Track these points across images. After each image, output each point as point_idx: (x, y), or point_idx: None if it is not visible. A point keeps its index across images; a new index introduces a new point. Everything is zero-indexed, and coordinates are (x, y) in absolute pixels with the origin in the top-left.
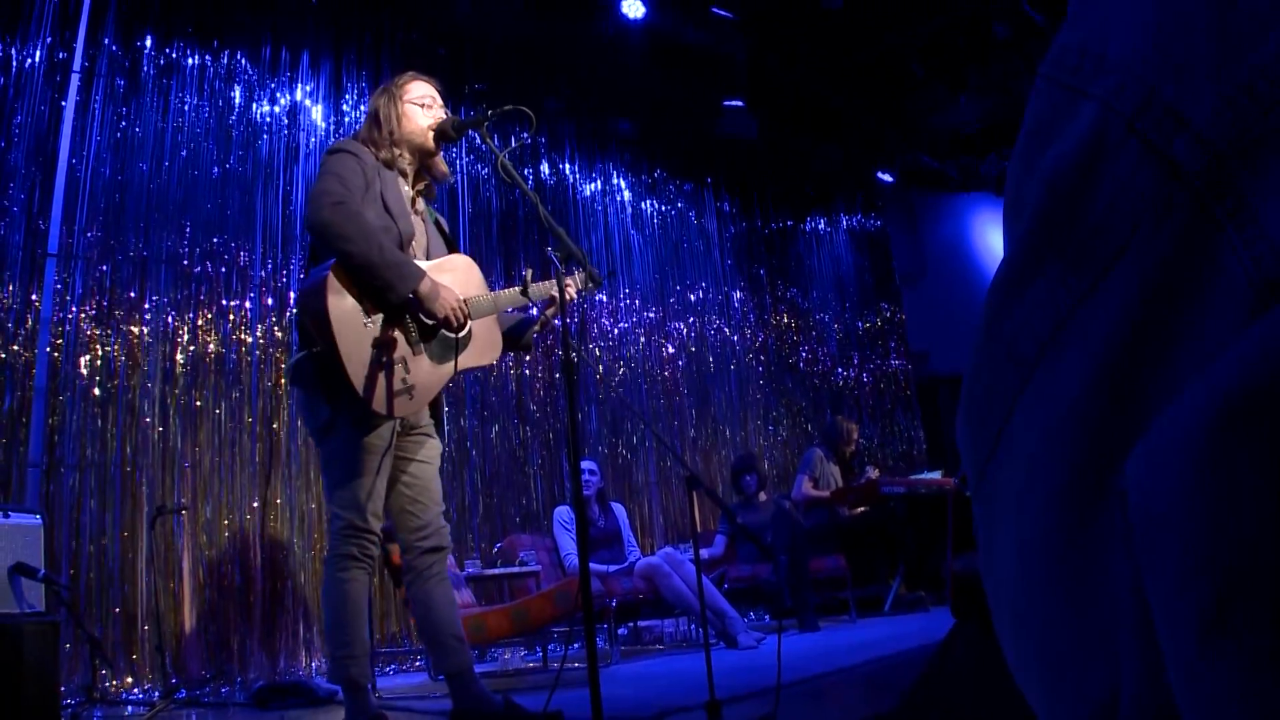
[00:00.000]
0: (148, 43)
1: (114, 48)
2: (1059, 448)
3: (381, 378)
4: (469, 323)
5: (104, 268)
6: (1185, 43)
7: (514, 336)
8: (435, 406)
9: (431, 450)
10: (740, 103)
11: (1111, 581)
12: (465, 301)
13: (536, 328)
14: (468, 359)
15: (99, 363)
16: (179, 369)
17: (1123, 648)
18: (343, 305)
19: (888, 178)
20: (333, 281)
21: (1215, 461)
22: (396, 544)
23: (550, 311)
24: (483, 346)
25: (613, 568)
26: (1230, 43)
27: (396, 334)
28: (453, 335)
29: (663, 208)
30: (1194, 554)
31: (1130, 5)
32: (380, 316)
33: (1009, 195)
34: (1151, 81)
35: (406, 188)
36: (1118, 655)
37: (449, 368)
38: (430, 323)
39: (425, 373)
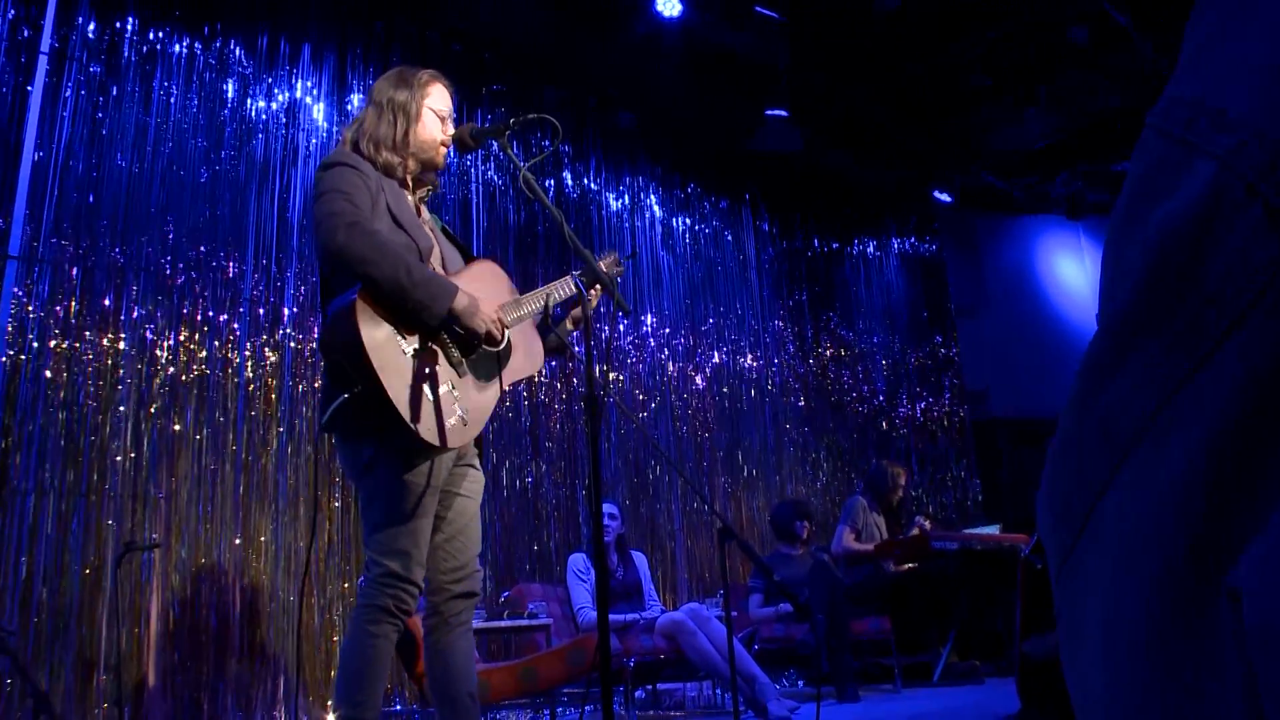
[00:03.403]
0: (129, 24)
1: (89, 28)
2: (1159, 537)
3: (434, 407)
4: (507, 333)
5: (74, 274)
6: None
7: (549, 346)
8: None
9: (475, 484)
10: (783, 112)
11: (1219, 683)
12: (501, 309)
13: (569, 325)
14: (513, 371)
15: (65, 380)
16: (156, 389)
17: None
18: (378, 335)
19: (945, 198)
20: (362, 310)
21: None
22: None
23: (576, 312)
24: (525, 354)
25: (631, 618)
26: None
27: (438, 356)
28: (494, 349)
29: (696, 226)
30: None
31: (1255, 59)
32: (417, 339)
33: (1107, 256)
34: (1278, 141)
35: (410, 197)
36: None
37: (496, 385)
38: (468, 338)
39: (474, 394)
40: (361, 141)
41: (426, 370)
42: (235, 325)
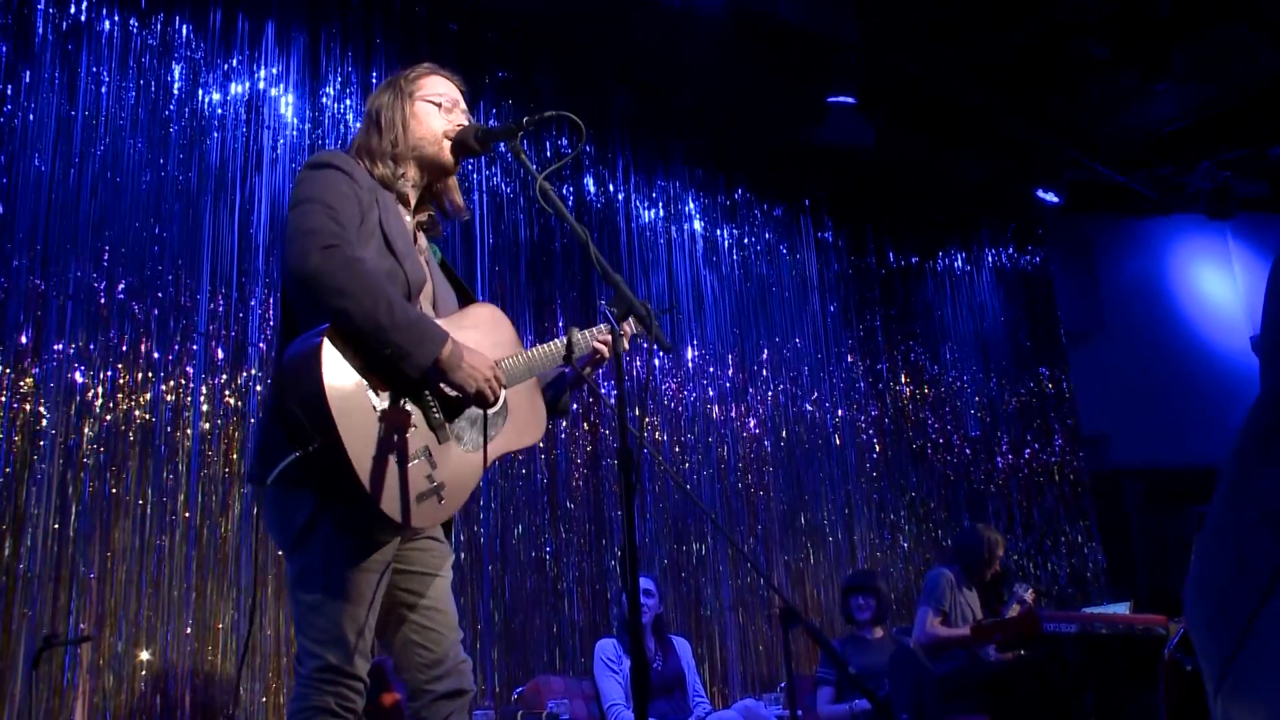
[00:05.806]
0: None
1: None
2: None
3: (404, 478)
4: (503, 394)
5: None
6: None
7: (549, 400)
8: None
9: (440, 558)
10: (851, 99)
11: None
12: (498, 366)
13: (574, 385)
14: (506, 440)
15: None
16: (87, 444)
17: None
18: (344, 385)
19: (1051, 198)
20: (329, 352)
21: None
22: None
23: (589, 369)
24: (523, 422)
25: None
26: None
27: (415, 415)
28: (485, 411)
29: (745, 239)
30: None
31: None
32: (391, 394)
33: (1270, 305)
34: None
35: (409, 218)
36: None
37: (482, 456)
38: (455, 396)
39: (455, 464)
40: (357, 155)
41: (397, 433)
42: (187, 365)
